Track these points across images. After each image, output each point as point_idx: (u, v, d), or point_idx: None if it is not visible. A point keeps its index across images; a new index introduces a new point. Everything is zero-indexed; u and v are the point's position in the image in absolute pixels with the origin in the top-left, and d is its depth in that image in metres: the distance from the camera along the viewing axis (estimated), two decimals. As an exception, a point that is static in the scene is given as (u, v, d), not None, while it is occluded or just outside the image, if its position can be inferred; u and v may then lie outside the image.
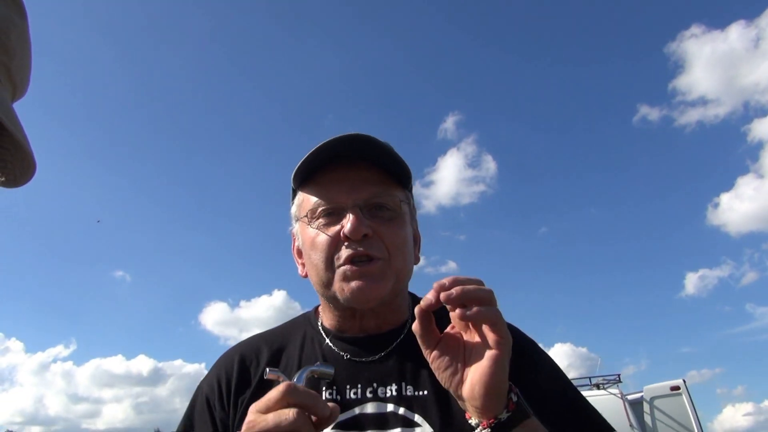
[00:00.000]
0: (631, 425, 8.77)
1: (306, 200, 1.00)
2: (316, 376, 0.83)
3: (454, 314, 0.75)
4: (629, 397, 9.55)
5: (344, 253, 0.93)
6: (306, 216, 0.98)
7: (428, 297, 0.75)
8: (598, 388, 9.62)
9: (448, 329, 0.80)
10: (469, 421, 0.78)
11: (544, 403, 0.92)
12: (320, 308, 1.09)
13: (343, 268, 0.93)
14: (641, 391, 10.02)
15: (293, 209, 1.06)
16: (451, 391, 0.77)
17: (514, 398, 0.75)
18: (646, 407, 9.75)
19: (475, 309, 0.71)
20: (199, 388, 1.06)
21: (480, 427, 0.75)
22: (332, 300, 0.98)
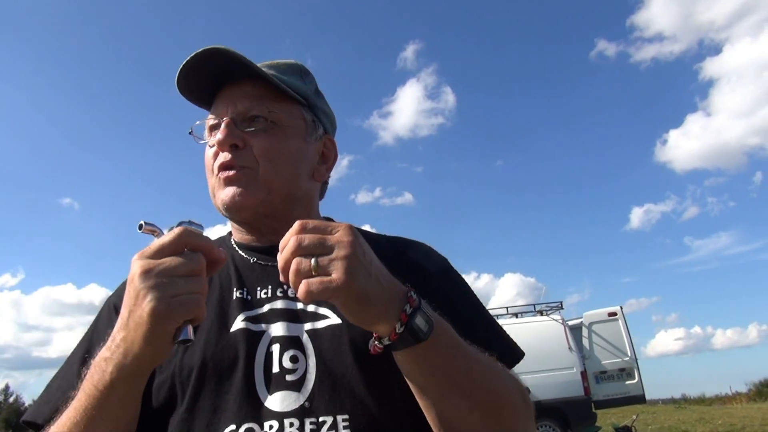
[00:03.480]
0: (570, 348, 9.43)
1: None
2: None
3: None
4: (569, 323, 10.19)
5: (215, 163, 0.96)
6: (206, 131, 1.03)
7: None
8: (542, 315, 10.19)
9: None
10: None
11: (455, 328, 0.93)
12: None
13: (216, 176, 0.97)
14: (581, 317, 10.69)
15: None
16: None
17: (399, 329, 0.72)
18: (584, 332, 10.45)
19: (299, 292, 0.66)
20: (107, 301, 1.03)
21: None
22: (220, 212, 0.99)
